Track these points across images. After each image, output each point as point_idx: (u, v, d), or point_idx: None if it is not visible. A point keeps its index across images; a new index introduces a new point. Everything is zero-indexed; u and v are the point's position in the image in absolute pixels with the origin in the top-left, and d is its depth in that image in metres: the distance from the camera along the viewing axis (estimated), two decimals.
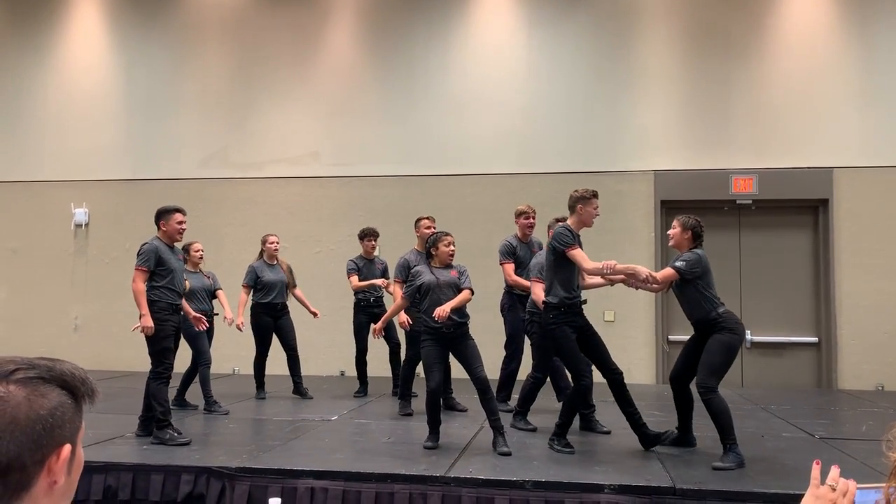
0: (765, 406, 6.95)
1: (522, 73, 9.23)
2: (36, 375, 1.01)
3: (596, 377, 5.16)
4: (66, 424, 1.01)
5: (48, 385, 1.01)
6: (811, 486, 1.47)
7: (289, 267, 7.38)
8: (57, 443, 1.00)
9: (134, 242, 9.82)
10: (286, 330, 7.24)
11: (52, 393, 1.01)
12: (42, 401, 0.99)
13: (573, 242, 5.00)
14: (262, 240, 7.31)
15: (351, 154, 9.46)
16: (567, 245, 4.96)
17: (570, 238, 5.00)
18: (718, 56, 8.90)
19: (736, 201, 8.77)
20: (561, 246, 4.98)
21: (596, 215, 5.18)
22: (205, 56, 9.95)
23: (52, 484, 1.00)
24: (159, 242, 5.42)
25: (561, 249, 4.98)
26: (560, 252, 4.99)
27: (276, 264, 7.26)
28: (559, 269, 5.03)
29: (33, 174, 10.09)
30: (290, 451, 4.95)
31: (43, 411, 0.99)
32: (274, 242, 7.23)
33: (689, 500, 4.00)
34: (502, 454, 4.76)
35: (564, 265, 5.01)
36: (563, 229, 5.04)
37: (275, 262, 7.27)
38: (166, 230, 5.45)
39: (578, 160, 8.96)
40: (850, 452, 4.92)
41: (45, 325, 9.79)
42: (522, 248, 6.50)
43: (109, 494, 4.47)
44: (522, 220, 6.54)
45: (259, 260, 7.26)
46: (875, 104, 8.60)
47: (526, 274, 6.21)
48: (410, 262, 6.18)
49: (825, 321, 8.53)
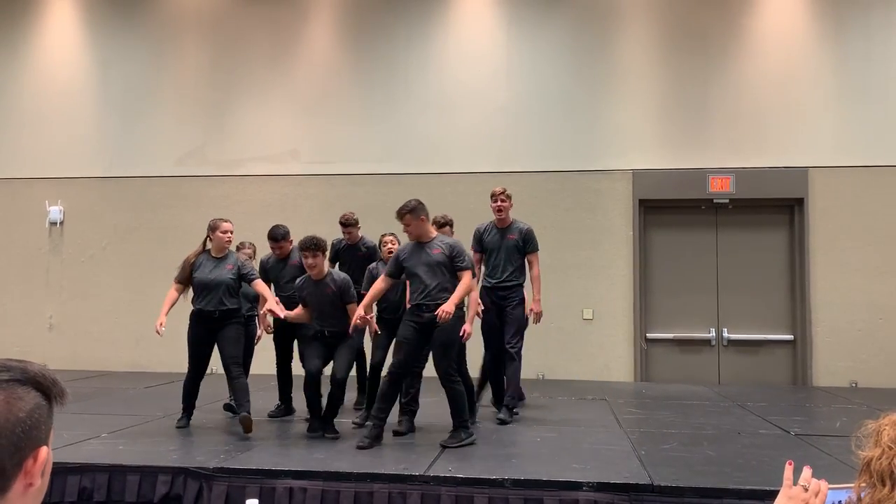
0: (741, 403, 7.02)
1: (502, 72, 9.24)
2: (11, 378, 1.00)
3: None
4: (41, 426, 1.01)
5: (24, 387, 1.01)
6: (784, 486, 1.49)
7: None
8: (34, 445, 1.00)
9: (110, 240, 9.75)
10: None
11: (28, 395, 1.00)
12: (20, 403, 0.99)
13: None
14: (213, 225, 5.69)
15: (330, 152, 9.41)
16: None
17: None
18: (696, 56, 8.97)
19: (713, 200, 8.85)
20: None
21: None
22: (182, 52, 9.86)
23: (27, 486, 0.99)
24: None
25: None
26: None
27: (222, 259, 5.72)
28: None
29: (7, 171, 9.93)
30: (268, 450, 4.92)
31: (22, 414, 0.98)
32: (228, 232, 5.69)
33: (667, 497, 4.02)
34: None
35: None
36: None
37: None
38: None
39: (557, 159, 9.00)
40: (825, 449, 4.98)
41: (19, 324, 9.65)
42: (493, 233, 6.22)
43: (85, 496, 4.41)
44: (491, 204, 6.27)
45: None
46: (850, 104, 8.71)
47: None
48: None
49: (800, 319, 8.63)
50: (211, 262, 5.63)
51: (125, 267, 9.60)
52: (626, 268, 8.82)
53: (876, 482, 1.34)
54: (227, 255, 5.69)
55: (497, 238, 6.20)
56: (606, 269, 8.83)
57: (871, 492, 1.36)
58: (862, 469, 1.39)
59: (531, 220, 8.92)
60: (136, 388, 7.81)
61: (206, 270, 5.58)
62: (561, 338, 8.78)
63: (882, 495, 1.33)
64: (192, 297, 5.64)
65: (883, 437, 1.37)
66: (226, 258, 5.66)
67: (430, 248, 5.20)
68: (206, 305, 5.54)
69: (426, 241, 5.25)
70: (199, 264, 5.61)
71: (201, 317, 5.57)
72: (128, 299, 9.51)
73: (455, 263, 5.18)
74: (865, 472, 1.38)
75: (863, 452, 1.40)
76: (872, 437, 1.40)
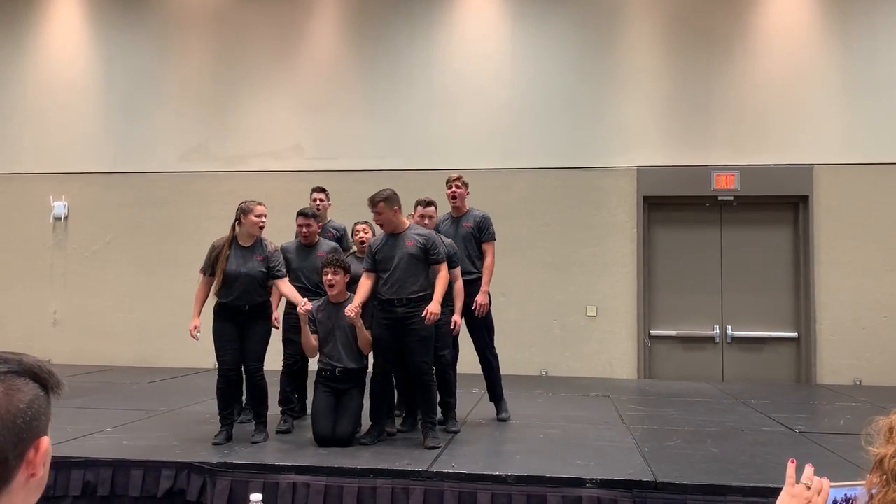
0: (745, 400, 7.01)
1: (506, 68, 9.23)
2: (9, 370, 1.01)
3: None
4: (41, 417, 1.03)
5: (22, 378, 1.02)
6: (786, 484, 1.48)
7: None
8: (35, 435, 1.01)
9: (114, 236, 9.77)
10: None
11: (26, 386, 1.02)
12: (20, 394, 1.00)
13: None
14: (244, 209, 5.23)
15: (334, 148, 9.42)
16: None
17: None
18: (701, 53, 8.95)
19: (717, 197, 8.83)
20: None
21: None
22: (186, 48, 9.86)
23: (29, 476, 1.00)
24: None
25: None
26: None
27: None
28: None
29: (11, 166, 9.96)
30: (271, 446, 4.93)
31: (22, 405, 0.99)
32: (261, 216, 5.23)
33: (670, 494, 4.02)
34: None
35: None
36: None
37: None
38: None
39: (561, 156, 8.99)
40: (829, 446, 4.97)
41: (23, 319, 9.68)
42: (447, 223, 5.87)
43: (88, 490, 4.42)
44: (446, 192, 5.87)
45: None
46: (855, 101, 8.68)
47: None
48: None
49: (804, 316, 8.61)
50: (239, 252, 5.11)
51: (129, 262, 9.62)
52: (629, 265, 8.81)
53: (890, 480, 1.32)
54: (256, 244, 5.16)
55: (452, 228, 5.82)
56: (610, 266, 8.82)
57: (883, 490, 1.34)
58: (874, 466, 1.38)
59: (534, 216, 8.99)
60: (141, 382, 7.83)
61: (234, 261, 5.07)
62: (564, 335, 8.78)
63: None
64: (216, 289, 5.09)
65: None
66: (254, 247, 5.15)
67: (405, 240, 4.98)
68: (235, 300, 5.04)
69: (399, 231, 5.03)
70: (228, 254, 5.09)
71: (230, 311, 5.06)
72: (132, 294, 9.53)
73: (430, 256, 4.96)
74: (878, 470, 1.36)
75: (874, 449, 1.38)
76: (884, 433, 1.37)
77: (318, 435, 4.93)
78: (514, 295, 8.68)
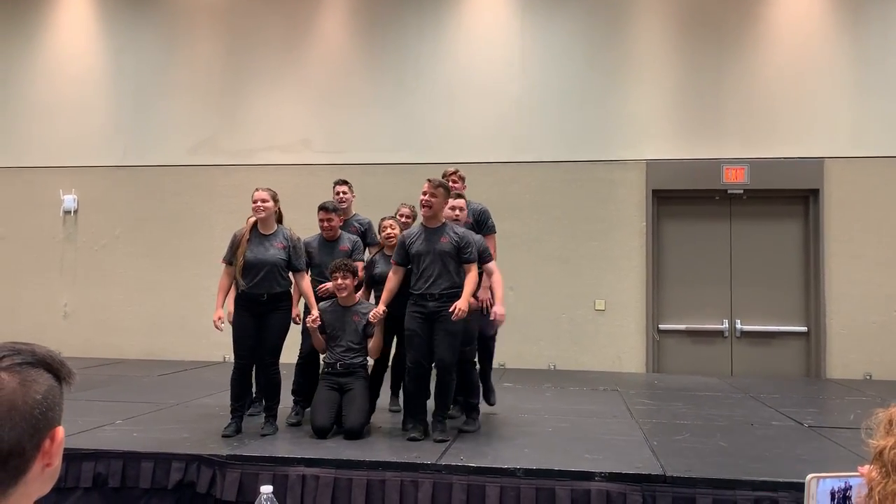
0: (754, 395, 6.99)
1: (515, 61, 9.20)
2: (23, 361, 1.02)
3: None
4: (56, 407, 1.04)
5: (36, 369, 1.03)
6: None
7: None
8: (50, 425, 1.02)
9: (123, 229, 9.81)
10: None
11: (41, 377, 1.02)
12: (35, 385, 1.01)
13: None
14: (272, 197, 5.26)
15: (342, 142, 9.42)
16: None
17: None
18: (711, 45, 8.90)
19: (727, 191, 8.79)
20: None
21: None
22: (195, 42, 9.87)
23: (45, 466, 1.02)
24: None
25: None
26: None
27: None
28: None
29: (21, 160, 10.00)
30: (281, 438, 4.95)
31: (38, 396, 1.00)
32: (256, 200, 5.17)
33: (679, 488, 4.02)
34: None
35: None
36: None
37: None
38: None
39: (570, 149, 8.96)
40: (839, 441, 4.96)
41: (34, 312, 9.73)
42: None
43: (99, 482, 4.45)
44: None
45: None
46: (866, 95, 8.62)
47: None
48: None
49: (814, 311, 8.57)
50: (259, 239, 5.09)
51: (139, 255, 9.66)
52: (638, 258, 8.78)
53: (890, 471, 1.32)
54: (276, 231, 5.13)
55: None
56: (619, 259, 8.80)
57: (883, 482, 1.33)
58: (874, 458, 1.37)
59: (543, 210, 8.97)
60: (150, 375, 7.86)
61: (253, 248, 5.04)
62: (573, 328, 8.78)
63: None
64: (238, 275, 5.05)
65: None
66: (275, 234, 5.12)
67: (440, 236, 4.98)
68: (253, 288, 4.98)
69: (435, 225, 5.03)
70: (248, 241, 5.07)
71: (248, 300, 5.03)
72: (141, 287, 9.57)
73: (462, 255, 4.94)
74: (878, 462, 1.35)
75: (874, 441, 1.37)
76: (884, 425, 1.37)
77: (315, 426, 4.99)
78: (523, 289, 8.66)
